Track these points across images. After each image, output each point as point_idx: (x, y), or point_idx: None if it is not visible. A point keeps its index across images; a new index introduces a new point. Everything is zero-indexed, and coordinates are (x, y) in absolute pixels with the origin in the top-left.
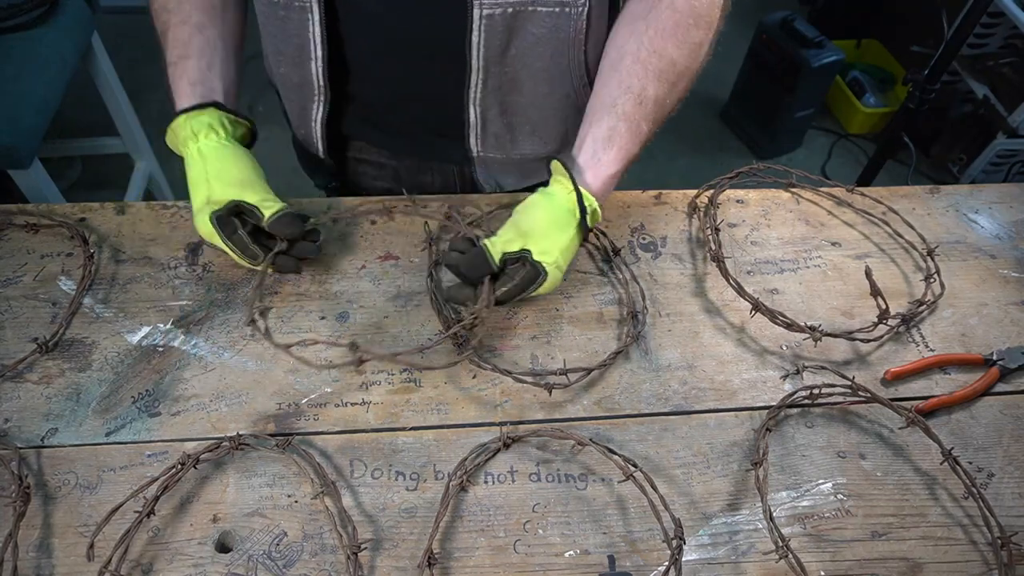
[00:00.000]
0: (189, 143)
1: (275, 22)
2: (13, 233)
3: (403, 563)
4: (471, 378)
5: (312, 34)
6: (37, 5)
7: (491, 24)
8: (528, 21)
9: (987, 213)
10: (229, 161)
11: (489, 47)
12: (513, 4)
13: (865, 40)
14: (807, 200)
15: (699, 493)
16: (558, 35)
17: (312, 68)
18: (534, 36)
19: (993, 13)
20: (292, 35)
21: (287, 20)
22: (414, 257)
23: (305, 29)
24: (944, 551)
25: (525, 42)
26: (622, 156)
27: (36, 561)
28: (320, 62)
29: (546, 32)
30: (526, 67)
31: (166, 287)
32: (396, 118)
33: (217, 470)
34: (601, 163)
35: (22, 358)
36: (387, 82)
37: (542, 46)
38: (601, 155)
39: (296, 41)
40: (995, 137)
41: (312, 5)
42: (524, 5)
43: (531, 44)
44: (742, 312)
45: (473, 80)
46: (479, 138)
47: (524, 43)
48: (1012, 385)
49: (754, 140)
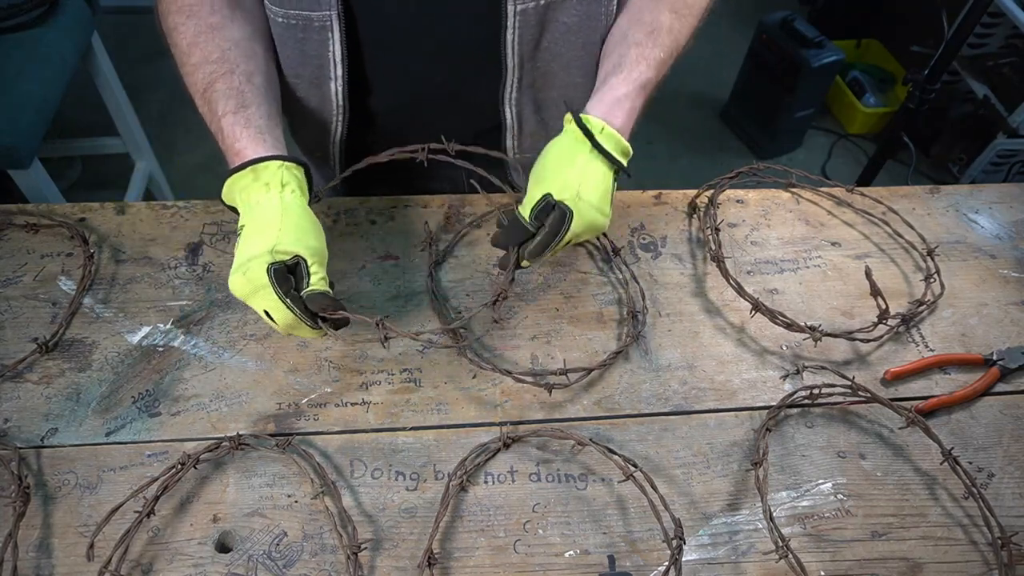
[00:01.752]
0: (272, 190)
1: (293, 45)
2: (13, 233)
3: (403, 563)
4: (471, 378)
5: (332, 53)
6: (37, 5)
7: (525, 19)
8: (560, 11)
9: (987, 213)
10: (308, 220)
11: (523, 43)
12: None
13: (865, 40)
14: (807, 200)
15: (699, 493)
16: (589, 23)
17: (332, 87)
18: (565, 26)
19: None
20: (311, 56)
21: (306, 42)
22: (414, 257)
23: (325, 48)
24: (944, 551)
25: (557, 32)
26: (633, 78)
27: (36, 561)
28: (340, 81)
29: (577, 21)
30: (558, 58)
31: (166, 287)
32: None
33: (217, 470)
34: (607, 85)
35: (22, 358)
36: (413, 93)
37: (573, 35)
38: (610, 79)
39: (316, 62)
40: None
41: (332, 23)
42: None
43: (563, 34)
44: (742, 312)
45: (509, 80)
46: (516, 139)
47: (556, 34)
48: (1012, 385)
49: (754, 140)
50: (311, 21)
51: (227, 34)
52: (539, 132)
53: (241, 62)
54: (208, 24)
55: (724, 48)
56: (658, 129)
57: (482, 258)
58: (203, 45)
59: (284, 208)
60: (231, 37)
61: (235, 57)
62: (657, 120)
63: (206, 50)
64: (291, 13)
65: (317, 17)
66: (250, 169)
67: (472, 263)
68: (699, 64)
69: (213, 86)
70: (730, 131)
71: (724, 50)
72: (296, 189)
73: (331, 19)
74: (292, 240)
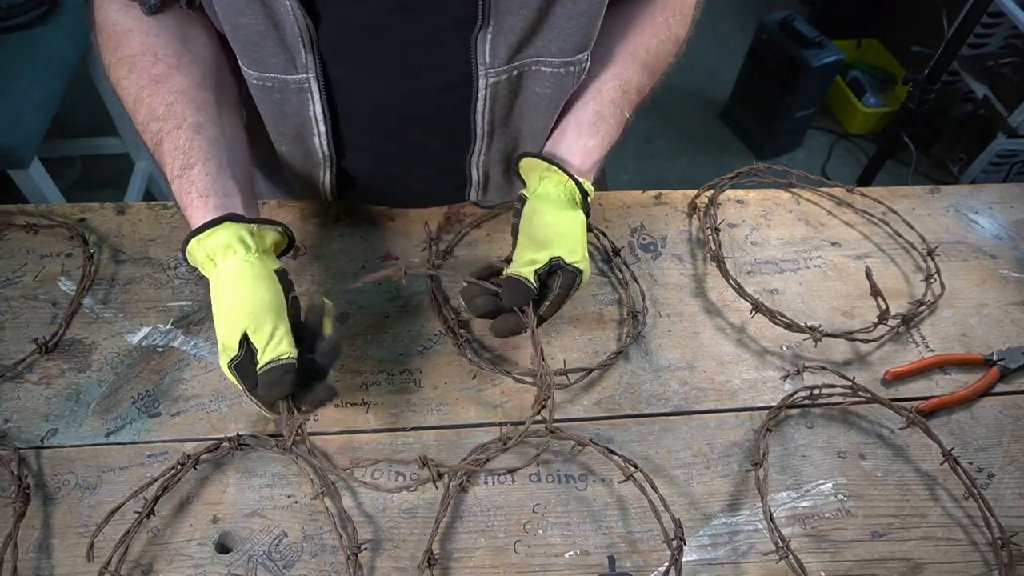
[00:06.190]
0: (208, 268)
1: (271, 105)
2: (13, 233)
3: (403, 563)
4: (471, 378)
5: (313, 113)
6: (37, 5)
7: (495, 91)
8: (532, 80)
9: (987, 213)
10: (245, 286)
11: (494, 113)
12: (518, 65)
13: (865, 40)
14: (807, 200)
15: (699, 493)
16: (561, 93)
17: (316, 143)
18: (536, 95)
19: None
20: (291, 116)
21: (284, 103)
22: (414, 257)
23: (305, 108)
24: (944, 551)
25: (528, 101)
26: (607, 143)
27: (36, 562)
28: (324, 136)
29: (549, 92)
30: (527, 124)
31: (166, 287)
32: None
33: (217, 470)
34: (588, 148)
35: (22, 358)
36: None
37: (544, 104)
38: (587, 140)
39: (296, 120)
40: (995, 137)
41: (311, 86)
42: (528, 64)
43: (534, 103)
44: (742, 312)
45: (477, 147)
46: (480, 192)
47: (527, 102)
48: (1012, 385)
49: (754, 140)
50: (287, 83)
51: (172, 85)
52: (504, 186)
53: (189, 114)
54: (151, 76)
55: (724, 48)
56: (658, 129)
57: (482, 258)
58: (147, 101)
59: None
60: (177, 88)
61: (181, 110)
62: (657, 120)
63: (151, 106)
64: (266, 76)
65: (293, 80)
66: (195, 240)
67: (472, 263)
68: (699, 64)
69: (160, 146)
70: (730, 131)
71: (724, 50)
72: (227, 253)
73: (309, 82)
74: (230, 328)
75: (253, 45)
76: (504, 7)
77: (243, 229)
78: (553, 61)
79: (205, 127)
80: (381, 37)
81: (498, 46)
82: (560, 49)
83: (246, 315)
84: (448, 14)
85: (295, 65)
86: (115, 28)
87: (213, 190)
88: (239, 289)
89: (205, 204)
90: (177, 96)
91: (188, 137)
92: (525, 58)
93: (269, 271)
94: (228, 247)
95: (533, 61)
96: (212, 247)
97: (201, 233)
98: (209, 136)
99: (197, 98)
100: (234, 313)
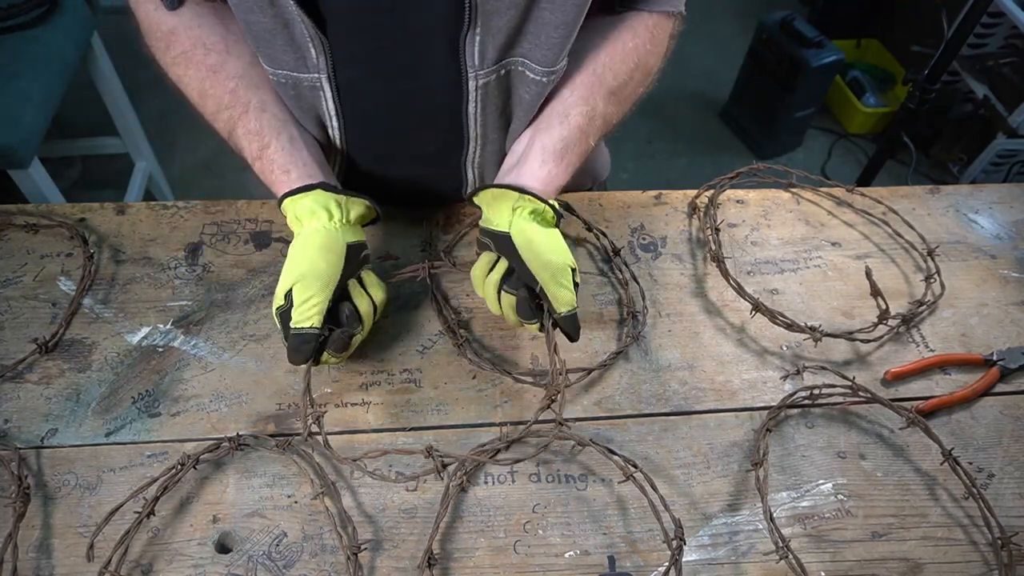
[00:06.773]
0: (294, 226)
1: (288, 99)
2: (13, 233)
3: (403, 563)
4: (471, 378)
5: (326, 107)
6: (37, 5)
7: (486, 93)
8: (519, 83)
9: (987, 213)
10: (309, 251)
11: (486, 114)
12: (505, 64)
13: (865, 40)
14: (807, 200)
15: (699, 493)
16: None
17: (331, 134)
18: (524, 100)
19: (993, 13)
20: (307, 108)
21: (299, 98)
22: (414, 257)
23: (319, 102)
24: (944, 551)
25: (516, 104)
26: (571, 171)
27: (36, 562)
28: (338, 130)
29: (530, 99)
30: (518, 127)
31: (166, 287)
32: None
33: (217, 470)
34: (552, 175)
35: (22, 358)
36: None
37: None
38: (552, 167)
39: (312, 112)
40: (995, 137)
41: (323, 84)
42: (515, 63)
43: (520, 106)
44: (742, 312)
45: (471, 148)
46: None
47: (516, 105)
48: (1012, 385)
49: (754, 140)
50: (300, 81)
51: (229, 71)
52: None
53: (252, 96)
54: (208, 67)
55: (724, 48)
56: (658, 129)
57: None
58: (211, 92)
59: (296, 244)
60: (234, 73)
61: (244, 94)
62: (657, 120)
63: (216, 96)
64: (280, 73)
65: (306, 78)
66: (288, 200)
67: (472, 263)
68: (699, 64)
69: (235, 133)
70: (730, 131)
71: (724, 50)
72: (324, 216)
73: (321, 81)
74: (286, 277)
75: (265, 42)
76: (491, 7)
77: (331, 199)
78: (536, 68)
79: (268, 104)
80: (381, 37)
81: (486, 48)
82: (544, 57)
83: (297, 276)
84: (435, 13)
85: (306, 64)
86: (160, 28)
87: (292, 163)
88: (304, 252)
89: (288, 176)
90: (236, 81)
91: (256, 118)
92: (511, 57)
93: (340, 244)
94: (313, 213)
95: (520, 61)
96: (300, 210)
97: (296, 195)
98: (274, 112)
99: (254, 77)
100: (290, 271)
